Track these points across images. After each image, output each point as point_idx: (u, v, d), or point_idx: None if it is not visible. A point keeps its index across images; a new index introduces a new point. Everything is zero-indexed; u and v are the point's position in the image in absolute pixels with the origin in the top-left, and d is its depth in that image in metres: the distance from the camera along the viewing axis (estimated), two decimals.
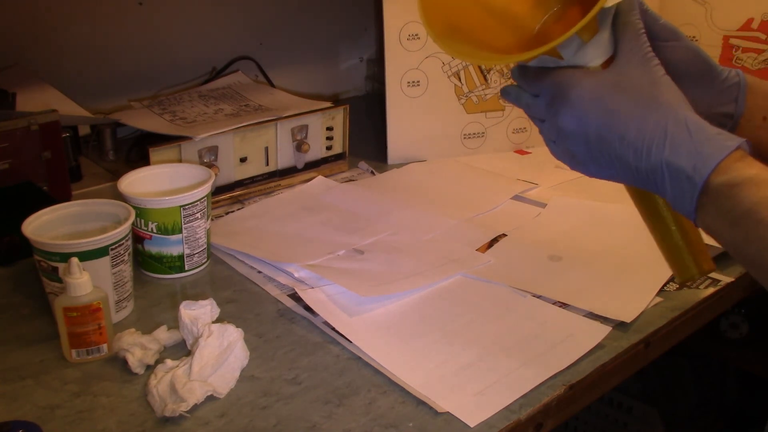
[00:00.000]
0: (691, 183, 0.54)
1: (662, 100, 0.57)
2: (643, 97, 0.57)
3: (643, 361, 0.77)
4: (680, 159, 0.55)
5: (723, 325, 1.60)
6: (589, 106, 0.58)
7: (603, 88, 0.58)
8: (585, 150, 0.59)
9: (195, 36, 1.34)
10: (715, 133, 0.55)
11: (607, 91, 0.58)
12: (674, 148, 0.55)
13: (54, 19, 1.19)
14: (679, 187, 0.55)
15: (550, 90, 0.60)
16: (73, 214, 0.80)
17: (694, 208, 0.55)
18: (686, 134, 0.55)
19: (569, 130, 0.59)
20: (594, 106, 0.58)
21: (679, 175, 0.55)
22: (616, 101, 0.57)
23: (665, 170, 0.56)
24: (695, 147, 0.55)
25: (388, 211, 1.00)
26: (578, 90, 0.58)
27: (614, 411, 1.58)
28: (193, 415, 0.63)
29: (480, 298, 0.81)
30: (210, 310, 0.72)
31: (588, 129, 0.58)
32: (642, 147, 0.56)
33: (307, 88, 1.48)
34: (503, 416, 0.64)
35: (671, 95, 0.57)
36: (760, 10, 1.19)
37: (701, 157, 0.54)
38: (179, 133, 1.01)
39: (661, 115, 0.56)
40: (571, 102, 0.59)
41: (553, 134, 0.61)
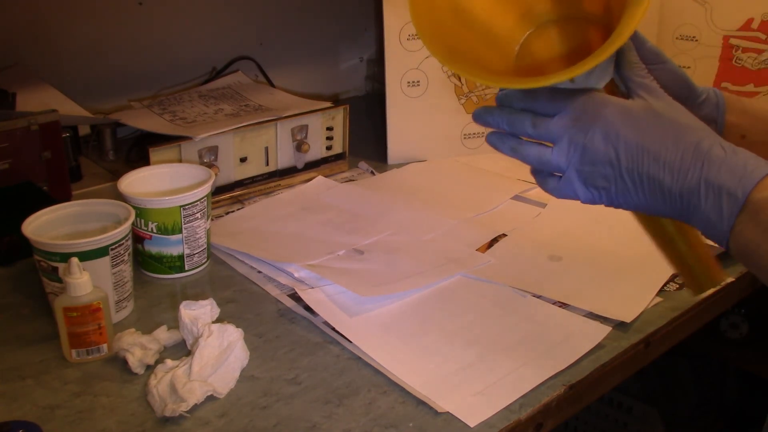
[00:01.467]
0: (732, 199, 0.54)
1: (693, 124, 0.57)
2: (676, 121, 0.57)
3: (643, 361, 0.77)
4: (720, 176, 0.54)
5: (723, 325, 1.60)
6: (623, 123, 0.57)
7: (636, 110, 0.58)
8: (609, 171, 0.58)
9: (195, 36, 1.34)
10: (751, 155, 0.55)
11: (641, 113, 0.58)
12: (713, 165, 0.55)
13: (54, 19, 1.19)
14: (718, 205, 0.55)
15: (577, 108, 0.59)
16: (73, 214, 0.80)
17: (730, 227, 0.54)
18: (723, 154, 0.55)
19: (597, 149, 0.58)
20: (628, 123, 0.57)
21: (721, 192, 0.54)
22: (650, 123, 0.57)
23: (703, 188, 0.55)
24: (735, 165, 0.54)
25: (388, 211, 1.00)
26: (611, 109, 0.58)
27: (614, 411, 1.58)
28: (193, 415, 0.63)
29: (480, 298, 0.81)
30: (210, 310, 0.72)
31: (619, 147, 0.57)
32: (679, 166, 0.56)
33: (307, 88, 1.48)
34: (503, 416, 0.64)
35: (698, 122, 0.58)
36: (760, 10, 1.19)
37: (743, 173, 0.54)
38: (179, 133, 1.01)
39: (696, 135, 0.56)
40: (604, 120, 0.58)
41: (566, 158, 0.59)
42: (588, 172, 0.59)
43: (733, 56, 1.22)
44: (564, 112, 0.59)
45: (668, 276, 0.84)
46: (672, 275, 0.85)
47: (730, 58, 1.22)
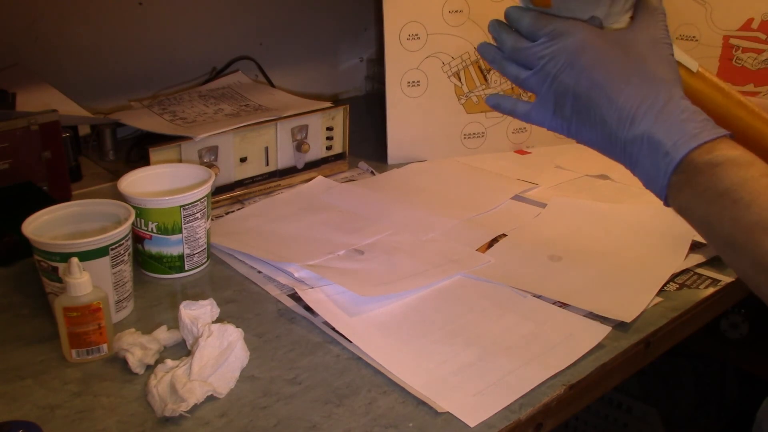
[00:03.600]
0: (667, 158, 0.54)
1: (661, 76, 0.57)
2: (645, 67, 0.57)
3: (643, 361, 0.77)
4: (663, 133, 0.55)
5: (723, 325, 1.60)
6: (589, 57, 0.58)
7: (609, 45, 0.58)
8: (572, 103, 0.59)
9: (195, 36, 1.34)
10: (704, 119, 0.56)
11: (612, 49, 0.58)
12: (661, 120, 0.55)
13: (54, 20, 1.19)
14: (656, 161, 0.55)
15: (556, 35, 0.59)
16: (73, 214, 0.79)
17: (665, 185, 0.55)
18: (676, 111, 0.56)
19: (564, 80, 0.59)
20: (594, 59, 0.58)
21: (659, 148, 0.55)
22: (617, 61, 0.57)
23: (645, 142, 0.56)
24: (682, 125, 0.55)
25: (388, 211, 1.00)
26: (586, 41, 0.58)
27: (614, 411, 1.58)
28: (193, 415, 0.63)
29: (480, 298, 0.81)
30: (210, 310, 0.72)
31: (582, 82, 0.58)
32: (629, 113, 0.56)
33: (307, 88, 1.48)
34: (503, 416, 0.64)
35: (671, 76, 0.58)
36: (760, 10, 1.19)
37: (684, 134, 0.54)
38: (179, 133, 1.01)
39: (656, 89, 0.57)
40: (576, 50, 0.58)
41: (539, 84, 0.60)
42: (555, 102, 0.60)
43: (733, 56, 1.22)
44: (541, 39, 0.60)
45: (668, 276, 0.84)
46: (672, 275, 0.85)
47: (730, 58, 1.22)
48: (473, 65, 1.18)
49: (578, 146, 0.64)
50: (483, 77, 1.19)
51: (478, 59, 1.18)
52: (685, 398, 1.65)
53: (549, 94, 0.60)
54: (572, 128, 0.60)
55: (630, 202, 1.04)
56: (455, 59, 1.17)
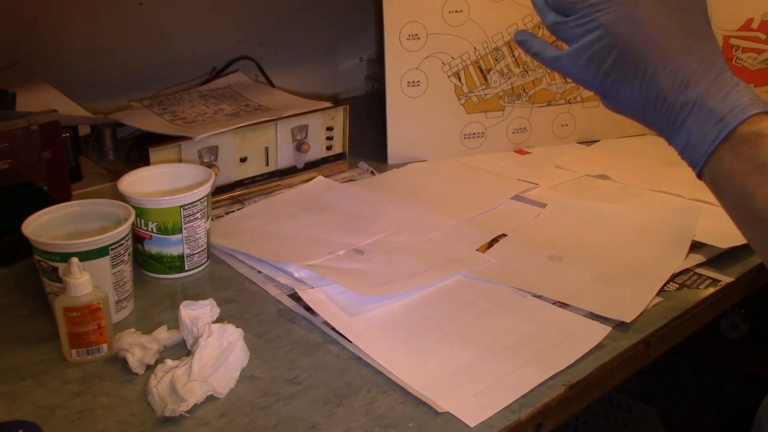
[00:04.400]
0: (720, 126, 0.53)
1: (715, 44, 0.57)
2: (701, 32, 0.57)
3: (643, 361, 0.77)
4: (718, 101, 0.54)
5: (723, 325, 1.60)
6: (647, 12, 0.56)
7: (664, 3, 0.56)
8: (617, 58, 0.56)
9: (195, 36, 1.34)
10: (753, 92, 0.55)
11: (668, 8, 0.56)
12: (716, 88, 0.54)
13: (54, 19, 1.19)
14: (705, 127, 0.54)
15: None
16: (73, 214, 0.80)
17: (711, 151, 0.54)
18: (732, 81, 0.55)
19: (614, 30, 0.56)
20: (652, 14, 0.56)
21: (711, 115, 0.54)
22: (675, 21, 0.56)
23: (696, 107, 0.54)
24: (738, 94, 0.54)
25: (388, 211, 1.00)
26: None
27: (614, 411, 1.58)
28: (193, 415, 0.63)
29: (480, 298, 0.81)
30: (210, 310, 0.72)
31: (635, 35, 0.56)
32: (685, 76, 0.55)
33: (307, 88, 1.48)
34: (503, 416, 0.64)
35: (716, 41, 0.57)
36: (760, 10, 1.19)
37: (740, 105, 0.54)
38: (179, 133, 1.01)
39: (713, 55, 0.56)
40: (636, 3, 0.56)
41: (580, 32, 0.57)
42: (597, 53, 0.57)
43: (733, 56, 1.22)
44: None
45: (668, 276, 0.84)
46: (672, 275, 0.85)
47: (730, 58, 1.22)
48: (473, 65, 1.18)
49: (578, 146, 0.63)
50: (483, 77, 1.19)
51: (478, 59, 1.18)
52: (685, 398, 1.65)
53: (593, 44, 0.57)
54: (607, 83, 0.58)
55: (630, 202, 1.04)
56: (455, 59, 1.17)
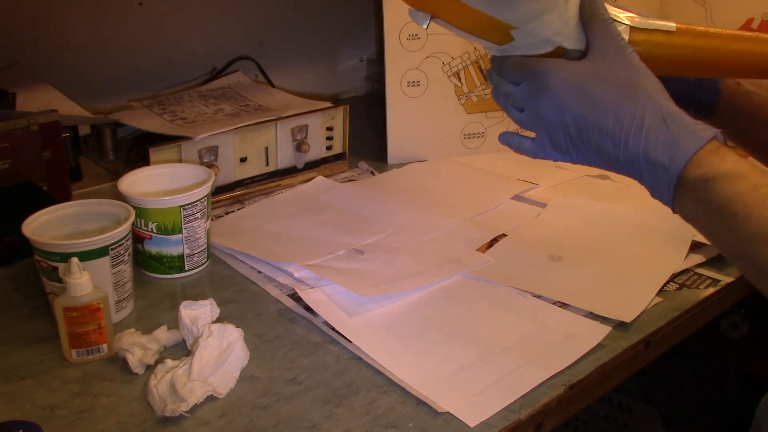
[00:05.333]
0: (667, 174, 0.56)
1: (639, 88, 0.58)
2: (621, 86, 0.58)
3: (643, 361, 0.77)
4: (657, 151, 0.56)
5: (723, 325, 1.60)
6: (567, 94, 0.59)
7: (581, 76, 0.59)
8: (565, 138, 0.61)
9: (195, 36, 1.34)
10: (691, 123, 0.57)
11: (586, 79, 0.59)
12: (651, 139, 0.57)
13: (54, 19, 1.19)
14: (657, 178, 0.57)
15: (531, 78, 0.61)
16: (73, 214, 0.79)
17: (671, 198, 0.57)
18: (662, 125, 0.57)
19: (549, 119, 0.60)
20: (572, 95, 0.59)
21: (656, 166, 0.57)
22: (594, 90, 0.59)
23: (642, 161, 0.57)
24: (671, 138, 0.56)
25: (388, 211, 1.00)
26: (557, 78, 0.59)
27: (614, 411, 1.58)
28: (193, 415, 0.63)
29: (480, 298, 0.81)
30: (210, 310, 0.72)
31: (566, 118, 0.60)
32: (620, 138, 0.58)
33: (307, 88, 1.48)
34: (503, 416, 0.64)
35: (648, 83, 0.59)
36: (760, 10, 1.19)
37: (677, 149, 0.56)
38: (179, 133, 1.01)
39: (638, 104, 0.58)
40: (550, 90, 0.60)
41: (533, 124, 0.62)
42: (549, 138, 0.62)
43: None
44: (522, 84, 0.62)
45: (668, 276, 0.84)
46: (672, 275, 0.85)
47: None
48: (473, 65, 1.18)
49: None
50: (483, 77, 1.19)
51: (478, 59, 1.18)
52: (685, 398, 1.65)
53: (542, 132, 0.62)
54: (574, 158, 0.62)
55: (630, 202, 1.04)
56: (455, 59, 1.17)
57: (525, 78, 0.61)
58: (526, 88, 0.61)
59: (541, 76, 0.60)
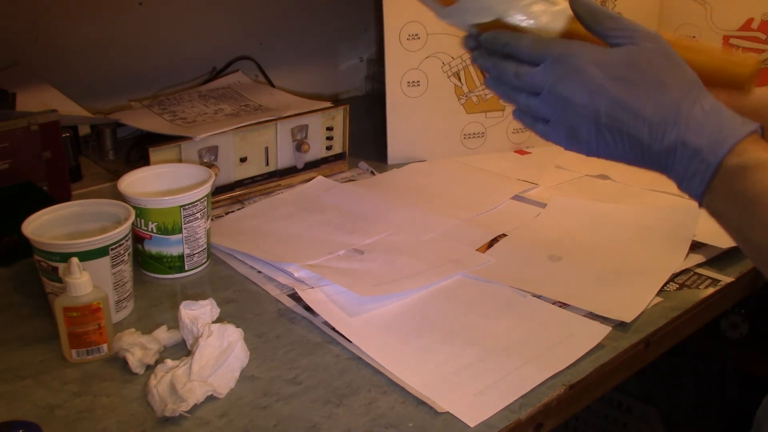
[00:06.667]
0: (705, 164, 0.55)
1: (679, 79, 0.57)
2: (661, 74, 0.57)
3: (643, 361, 0.77)
4: (697, 138, 0.55)
5: (723, 325, 1.60)
6: (603, 78, 0.57)
7: (618, 60, 0.57)
8: (590, 126, 0.58)
9: (195, 36, 1.34)
10: (731, 115, 0.56)
11: (623, 64, 0.57)
12: (691, 127, 0.55)
13: (54, 19, 1.19)
14: (692, 167, 0.56)
15: (557, 58, 0.58)
16: (73, 214, 0.79)
17: (703, 190, 0.55)
18: (703, 114, 0.56)
19: (578, 102, 0.58)
20: (609, 78, 0.57)
21: (694, 155, 0.55)
22: (633, 75, 0.57)
23: (679, 149, 0.56)
24: (712, 128, 0.55)
25: (388, 211, 1.00)
26: (590, 60, 0.57)
27: (614, 411, 1.58)
28: (193, 415, 0.63)
29: (480, 298, 0.81)
30: (210, 310, 0.72)
31: (600, 103, 0.57)
32: (660, 125, 0.56)
33: (307, 88, 1.48)
34: (503, 416, 0.64)
35: (688, 74, 0.58)
36: (760, 10, 1.19)
37: (718, 138, 0.54)
38: (179, 133, 1.01)
39: (679, 92, 0.56)
40: (583, 72, 0.57)
41: (551, 109, 0.59)
42: (570, 124, 0.59)
43: None
44: (545, 63, 0.59)
45: (668, 276, 0.84)
46: (672, 275, 0.85)
47: None
48: (473, 65, 1.18)
49: None
50: (483, 77, 1.19)
51: None
52: (685, 398, 1.65)
53: (561, 118, 0.59)
54: (593, 148, 0.60)
55: (630, 202, 1.04)
56: (455, 59, 1.17)
57: (547, 58, 0.58)
58: (550, 69, 0.58)
59: (571, 57, 0.58)
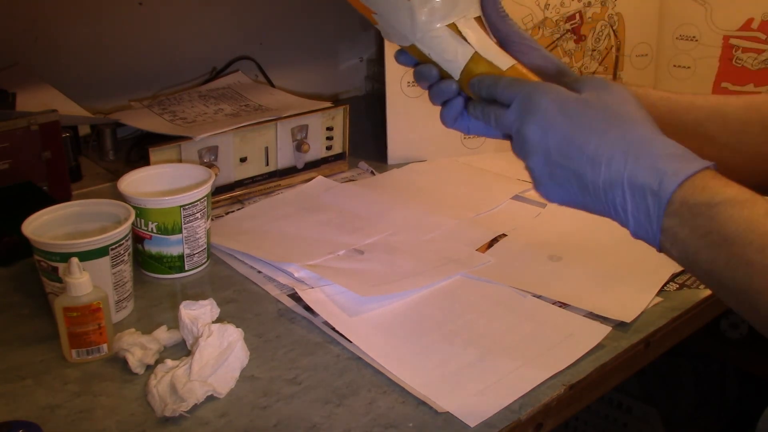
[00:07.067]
0: (655, 199, 0.51)
1: (628, 114, 0.55)
2: (609, 111, 0.55)
3: (643, 361, 0.77)
4: (643, 173, 0.51)
5: (723, 325, 1.60)
6: (555, 116, 0.56)
7: (572, 99, 0.57)
8: (544, 165, 0.57)
9: (195, 36, 1.34)
10: (684, 151, 0.53)
11: (576, 101, 0.56)
12: (636, 161, 0.52)
13: (54, 19, 1.19)
14: (643, 205, 0.52)
15: (522, 99, 0.58)
16: (73, 214, 0.79)
17: (658, 229, 0.52)
18: (650, 148, 0.52)
19: (533, 141, 0.57)
20: (559, 115, 0.56)
21: (642, 191, 0.52)
22: (581, 112, 0.55)
23: (626, 186, 0.52)
24: (661, 162, 0.51)
25: (388, 211, 1.00)
26: (547, 100, 0.57)
27: (614, 411, 1.58)
28: (193, 415, 0.63)
29: (480, 298, 0.81)
30: (210, 310, 0.72)
31: (550, 140, 0.56)
32: (601, 159, 0.53)
33: (307, 88, 1.48)
34: (503, 416, 0.64)
35: (638, 113, 0.56)
36: (760, 10, 1.19)
37: (667, 172, 0.51)
38: (179, 133, 1.01)
39: (625, 129, 0.54)
40: (539, 110, 0.57)
41: (521, 151, 0.59)
42: (534, 165, 0.58)
43: (733, 56, 1.22)
44: (515, 102, 0.59)
45: (668, 276, 0.84)
46: (672, 275, 0.85)
47: (730, 58, 1.22)
48: None
49: None
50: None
51: None
52: (685, 398, 1.65)
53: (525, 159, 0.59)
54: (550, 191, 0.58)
55: None
56: None
57: (517, 98, 0.58)
58: (517, 109, 0.58)
59: (531, 97, 0.57)
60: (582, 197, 0.56)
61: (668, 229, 0.51)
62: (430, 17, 0.62)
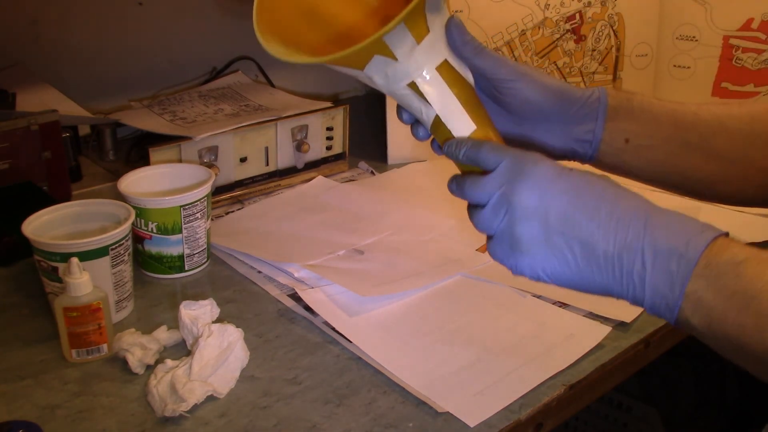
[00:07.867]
0: (682, 262, 0.49)
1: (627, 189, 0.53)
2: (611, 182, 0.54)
3: (643, 361, 0.77)
4: (668, 237, 0.49)
5: None
6: (554, 181, 0.53)
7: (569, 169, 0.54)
8: (539, 232, 0.53)
9: (195, 36, 1.34)
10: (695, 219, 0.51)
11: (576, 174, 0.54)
12: (657, 226, 0.50)
13: (54, 20, 1.19)
14: (665, 270, 0.49)
15: (512, 162, 0.55)
16: (73, 214, 0.80)
17: (681, 294, 0.49)
18: (667, 215, 0.51)
19: (527, 206, 0.53)
20: (561, 182, 0.53)
21: (667, 254, 0.49)
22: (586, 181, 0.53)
23: (646, 251, 0.50)
24: (682, 226, 0.50)
25: (388, 211, 1.00)
26: (543, 166, 0.54)
27: (614, 411, 1.58)
28: (193, 415, 0.63)
29: (480, 298, 0.81)
30: (210, 310, 0.72)
31: (550, 205, 0.53)
32: (617, 225, 0.51)
33: (307, 88, 1.48)
34: (503, 416, 0.64)
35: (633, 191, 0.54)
36: (760, 10, 1.19)
37: (693, 233, 0.49)
38: (179, 133, 1.01)
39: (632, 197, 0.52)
40: (534, 174, 0.53)
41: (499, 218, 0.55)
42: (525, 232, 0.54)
43: (733, 56, 1.22)
44: (501, 168, 0.55)
45: None
46: None
47: (730, 58, 1.22)
48: None
49: None
50: None
51: None
52: (685, 398, 1.65)
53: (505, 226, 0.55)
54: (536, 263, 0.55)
55: None
56: None
57: (503, 162, 0.55)
58: (502, 174, 0.54)
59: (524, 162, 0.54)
60: (580, 269, 0.53)
61: (692, 293, 0.49)
62: (385, 81, 0.59)
